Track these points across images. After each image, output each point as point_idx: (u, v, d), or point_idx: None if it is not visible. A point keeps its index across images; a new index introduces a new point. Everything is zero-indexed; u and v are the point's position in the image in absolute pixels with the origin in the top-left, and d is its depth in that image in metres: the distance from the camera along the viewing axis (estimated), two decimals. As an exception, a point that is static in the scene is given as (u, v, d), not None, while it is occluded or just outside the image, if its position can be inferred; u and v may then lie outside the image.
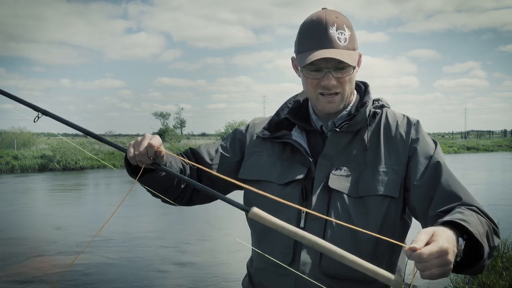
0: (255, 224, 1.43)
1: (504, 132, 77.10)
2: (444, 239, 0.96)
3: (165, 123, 62.51)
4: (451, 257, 0.96)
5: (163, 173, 1.36)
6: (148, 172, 1.36)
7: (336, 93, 1.33)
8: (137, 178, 1.34)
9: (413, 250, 0.93)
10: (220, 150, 1.52)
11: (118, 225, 9.45)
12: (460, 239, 1.02)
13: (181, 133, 62.68)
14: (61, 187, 18.40)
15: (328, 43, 1.29)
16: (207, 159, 1.50)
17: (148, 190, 1.43)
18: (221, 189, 1.54)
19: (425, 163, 1.31)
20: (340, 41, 1.29)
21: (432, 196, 1.27)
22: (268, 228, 1.35)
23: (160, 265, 7.02)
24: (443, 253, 0.94)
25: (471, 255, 1.07)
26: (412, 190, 1.30)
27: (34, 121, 1.42)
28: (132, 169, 1.38)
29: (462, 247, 1.02)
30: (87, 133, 1.44)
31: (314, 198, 1.32)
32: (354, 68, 1.32)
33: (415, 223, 1.41)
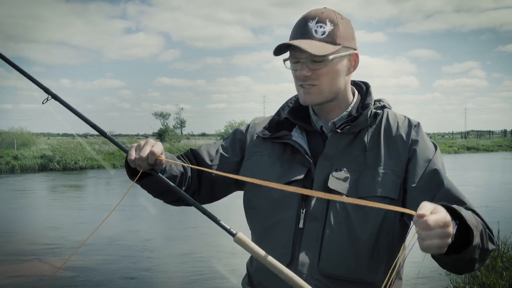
0: (254, 224, 1.43)
1: (504, 132, 77.13)
2: (445, 213, 0.96)
3: (165, 123, 62.50)
4: (451, 231, 0.96)
5: None
6: (147, 175, 1.36)
7: (313, 85, 1.33)
8: (134, 181, 1.35)
9: (421, 216, 0.93)
10: (220, 150, 1.52)
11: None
12: (453, 222, 1.02)
13: (181, 133, 62.66)
14: (61, 187, 18.39)
15: (303, 34, 1.31)
16: (207, 159, 1.50)
17: (148, 192, 1.45)
18: (222, 190, 1.55)
19: (423, 166, 1.31)
20: (316, 34, 1.30)
21: (430, 200, 1.26)
22: (268, 228, 1.36)
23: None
24: (446, 224, 0.94)
25: (461, 244, 1.05)
26: (409, 192, 1.30)
27: (43, 103, 1.42)
28: (132, 171, 1.38)
29: (454, 231, 1.01)
30: (92, 125, 1.43)
31: (313, 199, 1.32)
32: (328, 60, 1.30)
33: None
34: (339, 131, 1.35)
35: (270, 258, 1.08)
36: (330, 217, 1.30)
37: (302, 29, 1.31)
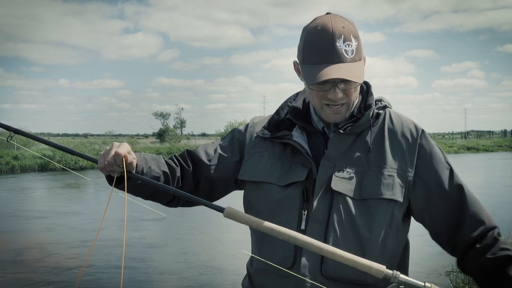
0: None
1: (504, 132, 77.14)
2: None
3: (165, 123, 62.49)
4: None
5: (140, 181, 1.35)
6: (128, 179, 1.33)
7: (342, 104, 1.32)
8: (112, 185, 1.32)
9: None
10: (219, 150, 1.50)
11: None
12: None
13: (181, 133, 62.63)
14: (61, 187, 18.38)
15: (335, 57, 1.26)
16: (205, 160, 1.49)
17: (136, 196, 1.42)
18: (220, 189, 1.54)
19: (446, 181, 1.32)
20: (347, 54, 1.26)
21: (457, 219, 1.30)
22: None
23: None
24: None
25: None
26: (436, 213, 1.32)
27: (7, 140, 1.44)
28: (112, 178, 1.34)
29: None
30: (58, 147, 1.47)
31: (315, 200, 1.31)
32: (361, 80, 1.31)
33: (416, 226, 1.41)
34: (341, 131, 1.34)
35: (266, 223, 1.08)
36: (333, 219, 1.29)
37: (332, 52, 1.26)
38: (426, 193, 1.32)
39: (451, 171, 1.34)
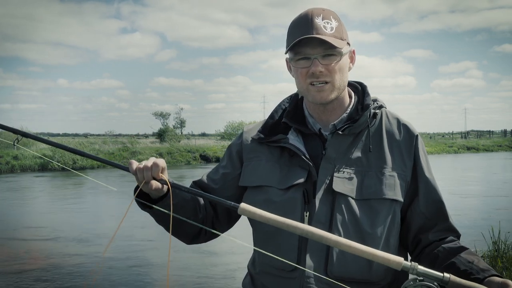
0: (258, 230, 1.40)
1: (504, 132, 77.25)
2: None
3: (165, 123, 62.46)
4: None
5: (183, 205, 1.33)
6: (162, 198, 1.29)
7: (326, 82, 1.31)
8: (134, 195, 1.28)
9: None
10: (221, 171, 1.49)
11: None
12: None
13: (181, 133, 62.67)
14: (60, 187, 18.37)
15: (313, 30, 1.28)
16: (212, 185, 1.47)
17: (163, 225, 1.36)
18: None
19: (431, 188, 1.35)
20: (326, 29, 1.29)
21: (431, 224, 1.33)
22: (271, 233, 1.33)
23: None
24: None
25: None
26: (415, 214, 1.34)
27: (14, 144, 1.36)
28: (143, 205, 1.31)
29: None
30: (70, 150, 1.39)
31: (317, 202, 1.30)
32: (342, 55, 1.31)
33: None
34: (340, 132, 1.33)
35: (280, 218, 1.06)
36: (336, 219, 1.28)
37: (310, 26, 1.28)
38: (414, 195, 1.35)
39: (435, 181, 1.37)
